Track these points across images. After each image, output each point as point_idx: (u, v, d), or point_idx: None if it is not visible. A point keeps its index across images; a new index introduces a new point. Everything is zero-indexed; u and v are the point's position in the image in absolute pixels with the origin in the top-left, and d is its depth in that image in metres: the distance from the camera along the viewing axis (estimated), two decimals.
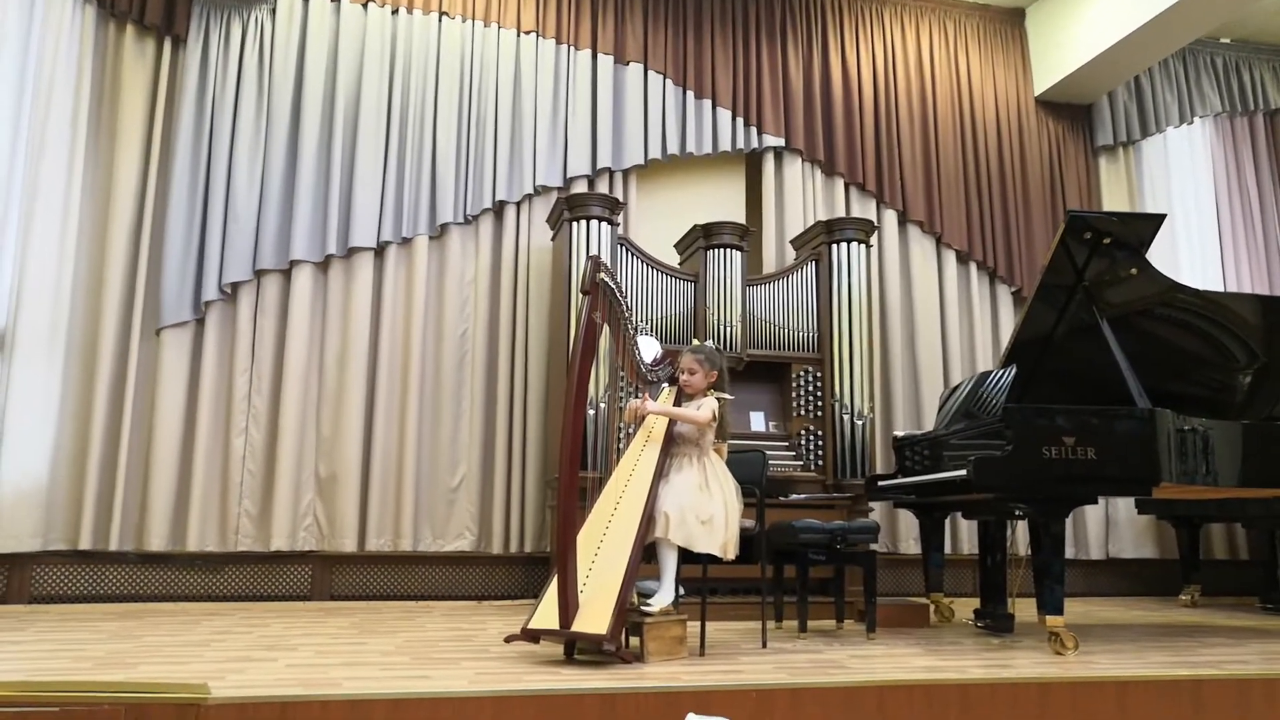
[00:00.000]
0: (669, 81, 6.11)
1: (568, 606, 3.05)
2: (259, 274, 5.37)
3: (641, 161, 5.97)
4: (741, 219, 6.08)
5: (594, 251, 5.08)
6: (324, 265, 5.50)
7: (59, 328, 5.05)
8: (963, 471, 3.74)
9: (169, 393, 5.15)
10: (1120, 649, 3.62)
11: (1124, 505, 6.38)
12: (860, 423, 5.34)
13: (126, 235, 5.23)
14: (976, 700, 2.74)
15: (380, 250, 5.58)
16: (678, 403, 3.63)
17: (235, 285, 5.33)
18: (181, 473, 5.13)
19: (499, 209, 5.81)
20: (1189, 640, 3.97)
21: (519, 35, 5.95)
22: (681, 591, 3.44)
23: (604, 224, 5.20)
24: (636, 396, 3.64)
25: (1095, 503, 3.91)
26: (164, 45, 5.45)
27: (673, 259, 5.82)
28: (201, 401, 5.19)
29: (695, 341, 4.32)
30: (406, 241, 5.61)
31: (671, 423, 3.54)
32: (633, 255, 5.38)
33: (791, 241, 6.06)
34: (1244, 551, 6.66)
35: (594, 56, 6.05)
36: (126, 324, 5.17)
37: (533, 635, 3.13)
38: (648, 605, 3.24)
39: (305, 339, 5.37)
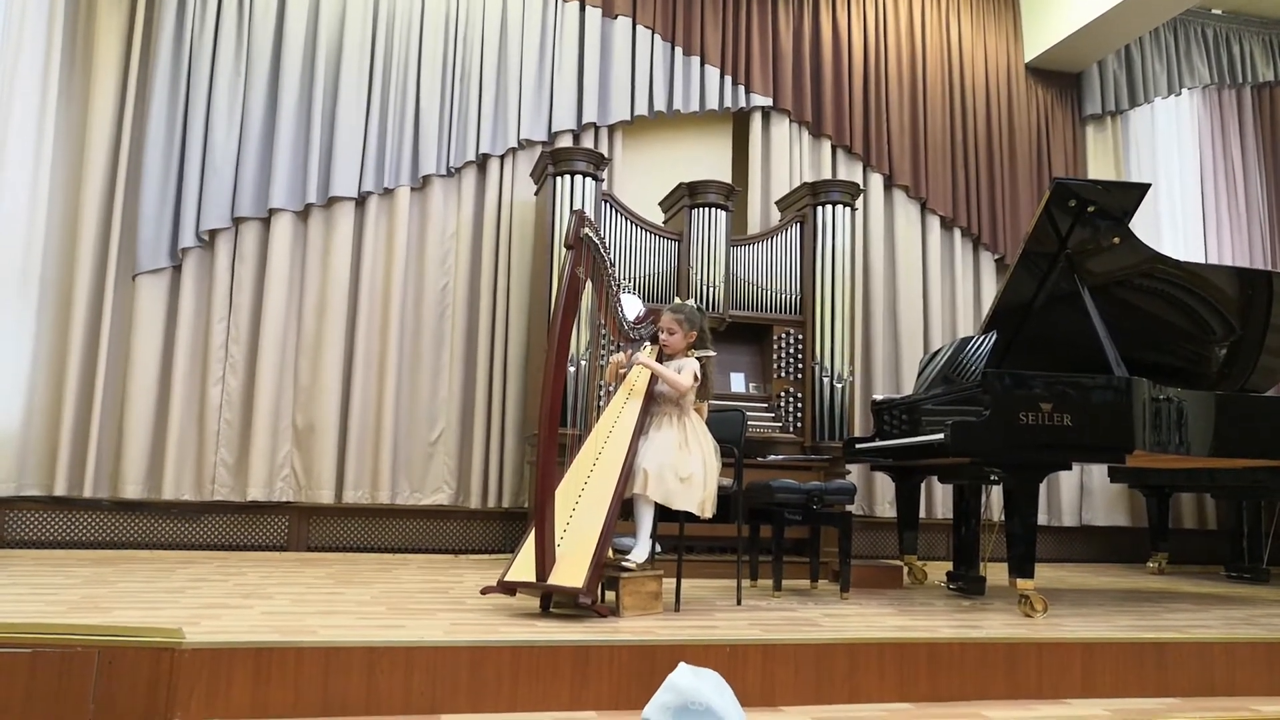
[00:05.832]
0: (657, 37, 6.02)
1: (545, 559, 3.06)
2: (237, 221, 5.30)
3: (628, 117, 5.91)
4: (727, 178, 6.04)
5: (578, 207, 5.04)
6: (304, 214, 5.43)
7: (32, 271, 4.97)
8: (940, 436, 3.77)
9: (145, 340, 5.09)
10: (1088, 612, 3.68)
11: (1098, 474, 6.47)
12: (840, 385, 5.36)
13: (102, 179, 5.13)
14: (945, 659, 2.78)
15: (361, 200, 5.51)
16: (659, 362, 3.63)
17: (213, 233, 5.25)
18: (157, 421, 5.09)
19: (482, 162, 5.74)
20: (1154, 605, 4.05)
21: None
22: (658, 548, 3.46)
23: (588, 179, 5.15)
24: (620, 352, 3.63)
25: (1069, 469, 3.95)
26: None
27: (657, 217, 5.78)
28: (178, 349, 5.13)
29: (676, 300, 4.32)
30: (388, 192, 5.54)
31: (653, 380, 3.54)
32: (616, 212, 5.33)
33: (777, 203, 6.03)
34: (1212, 521, 6.78)
35: (582, 9, 5.94)
36: (101, 269, 5.09)
37: (509, 587, 3.15)
38: (625, 560, 3.27)
39: (284, 288, 5.31)
